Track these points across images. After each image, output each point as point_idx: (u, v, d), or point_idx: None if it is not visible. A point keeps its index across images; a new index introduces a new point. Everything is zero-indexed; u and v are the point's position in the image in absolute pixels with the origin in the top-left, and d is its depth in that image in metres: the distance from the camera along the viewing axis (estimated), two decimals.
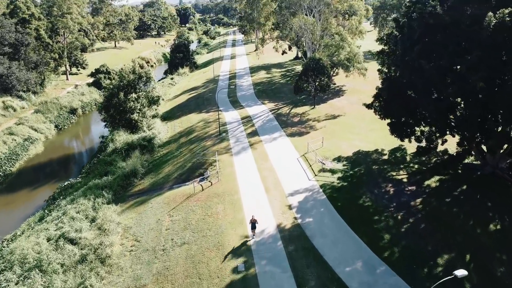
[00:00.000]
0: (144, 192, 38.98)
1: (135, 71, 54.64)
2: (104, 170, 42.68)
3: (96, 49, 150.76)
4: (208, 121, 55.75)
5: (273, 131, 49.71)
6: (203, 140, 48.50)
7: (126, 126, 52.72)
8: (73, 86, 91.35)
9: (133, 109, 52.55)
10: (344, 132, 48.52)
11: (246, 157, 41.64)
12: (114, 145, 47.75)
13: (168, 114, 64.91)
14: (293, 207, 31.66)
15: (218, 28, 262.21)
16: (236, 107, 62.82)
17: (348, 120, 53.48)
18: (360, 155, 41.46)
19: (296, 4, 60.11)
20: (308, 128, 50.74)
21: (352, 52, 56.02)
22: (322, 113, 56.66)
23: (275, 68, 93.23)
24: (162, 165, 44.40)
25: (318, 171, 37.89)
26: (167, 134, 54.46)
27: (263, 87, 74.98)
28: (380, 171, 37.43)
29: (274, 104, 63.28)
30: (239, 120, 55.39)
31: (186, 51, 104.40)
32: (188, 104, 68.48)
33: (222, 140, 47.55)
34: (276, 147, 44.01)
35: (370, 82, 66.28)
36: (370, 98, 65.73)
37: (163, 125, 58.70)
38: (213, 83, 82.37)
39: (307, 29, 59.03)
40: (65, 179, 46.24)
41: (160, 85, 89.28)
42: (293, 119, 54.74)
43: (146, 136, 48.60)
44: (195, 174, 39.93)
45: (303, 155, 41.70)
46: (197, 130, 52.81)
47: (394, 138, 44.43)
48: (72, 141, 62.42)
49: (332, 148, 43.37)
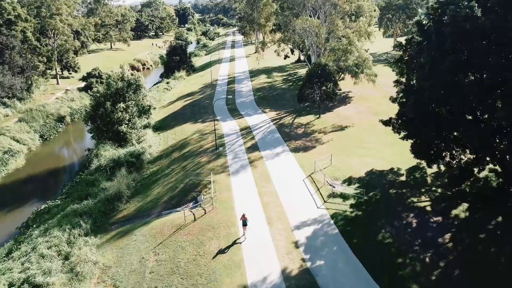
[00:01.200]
0: (128, 220, 34.21)
1: (124, 78, 49.85)
2: (85, 192, 37.90)
3: (91, 51, 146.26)
4: (204, 133, 50.95)
5: (275, 145, 44.95)
6: (198, 156, 43.72)
7: (113, 138, 48.00)
8: (63, 91, 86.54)
9: (121, 120, 47.80)
10: (354, 147, 43.76)
11: (245, 178, 36.86)
12: (98, 161, 42.97)
13: (162, 123, 60.13)
14: (300, 244, 26.89)
15: (218, 29, 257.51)
16: (234, 116, 58.04)
17: (357, 132, 48.72)
18: (374, 175, 36.68)
19: (299, 4, 55.36)
20: (314, 141, 45.97)
21: (361, 57, 51.25)
22: (328, 124, 51.89)
23: (276, 72, 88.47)
24: (151, 185, 39.62)
25: (328, 196, 33.12)
26: (159, 148, 49.67)
27: (264, 93, 70.21)
28: (398, 196, 32.66)
29: (275, 112, 58.50)
30: (238, 131, 50.61)
31: (183, 54, 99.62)
32: (183, 112, 63.69)
33: (218, 155, 42.79)
34: (279, 165, 39.25)
35: (379, 88, 61.72)
36: (379, 106, 61.61)
37: (155, 136, 53.92)
38: (211, 88, 77.59)
39: (311, 32, 54.25)
40: (44, 200, 41.47)
41: (155, 89, 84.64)
42: (297, 130, 49.96)
43: (134, 151, 43.80)
44: (188, 198, 35.18)
45: (309, 175, 36.93)
46: (191, 143, 48.03)
47: (410, 154, 39.85)
48: (56, 154, 57.57)
49: (342, 166, 38.61)
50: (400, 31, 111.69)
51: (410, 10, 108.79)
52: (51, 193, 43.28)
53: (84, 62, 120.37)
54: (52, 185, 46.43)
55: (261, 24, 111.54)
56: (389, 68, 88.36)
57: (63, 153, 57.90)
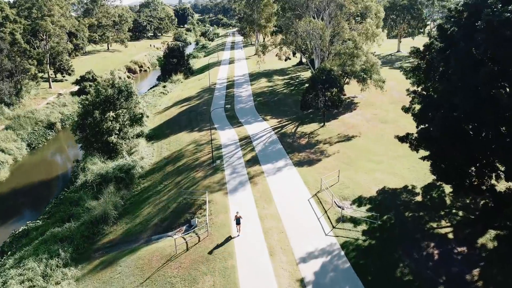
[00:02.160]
0: (114, 246, 30.77)
1: (115, 84, 46.40)
2: (68, 212, 34.51)
3: (88, 52, 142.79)
4: (200, 143, 47.48)
5: (277, 158, 41.47)
6: (193, 170, 40.26)
7: (102, 150, 44.56)
8: (55, 95, 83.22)
9: (111, 130, 44.35)
10: (362, 160, 40.29)
11: (244, 198, 33.38)
12: (84, 176, 39.51)
13: (156, 131, 56.64)
14: (307, 282, 23.41)
15: (217, 29, 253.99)
16: (233, 124, 54.56)
17: (365, 142, 45.25)
18: (386, 194, 33.22)
19: (302, 5, 51.85)
20: (319, 153, 42.50)
21: (369, 62, 47.76)
22: (333, 133, 48.42)
23: (277, 75, 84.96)
24: (141, 204, 36.18)
25: (337, 220, 29.64)
26: (152, 159, 46.20)
27: (265, 99, 66.71)
28: (415, 220, 29.20)
29: (277, 120, 55.02)
30: (237, 142, 47.13)
31: (180, 56, 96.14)
32: (179, 119, 60.21)
33: (215, 170, 39.31)
34: (281, 182, 35.78)
35: (385, 93, 58.25)
36: (387, 113, 57.99)
37: (148, 146, 50.45)
38: (209, 93, 74.10)
39: (315, 34, 50.77)
40: (24, 219, 38.07)
41: (151, 94, 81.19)
42: (300, 141, 46.48)
43: (124, 165, 40.33)
44: (180, 221, 31.74)
45: (315, 194, 33.45)
46: (186, 156, 44.55)
47: (424, 169, 36.42)
48: (43, 165, 54.06)
49: (350, 183, 35.14)
50: (404, 32, 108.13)
51: (415, 11, 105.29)
52: (33, 211, 39.87)
53: (80, 64, 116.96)
54: (35, 202, 42.92)
55: (262, 25, 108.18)
56: (395, 71, 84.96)
57: (50, 164, 54.39)
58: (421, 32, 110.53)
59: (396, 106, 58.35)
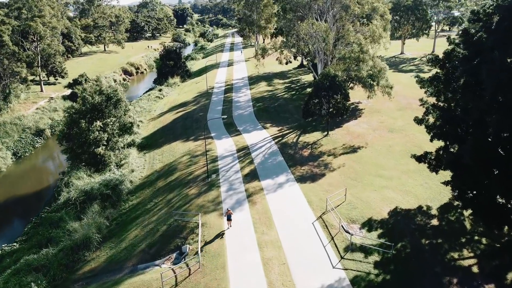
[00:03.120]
0: (96, 275, 27.49)
1: (103, 91, 43.15)
2: (47, 235, 31.24)
3: (84, 54, 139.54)
4: (195, 154, 44.17)
5: (278, 172, 38.20)
6: (186, 186, 36.98)
7: (89, 162, 41.30)
8: (46, 99, 79.89)
9: (98, 141, 41.08)
10: (371, 175, 37.01)
11: (242, 221, 30.11)
12: (68, 192, 36.21)
13: (149, 140, 53.32)
14: None
15: (217, 30, 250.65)
16: (231, 132, 51.26)
17: (372, 154, 41.96)
18: (399, 216, 29.97)
19: (304, 6, 48.52)
20: (322, 167, 39.22)
21: (376, 67, 44.49)
22: (338, 143, 45.16)
23: (277, 79, 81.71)
24: (128, 225, 32.89)
25: (345, 248, 26.37)
26: (143, 172, 42.90)
27: (264, 104, 63.42)
28: (434, 249, 25.95)
29: (277, 128, 51.71)
30: (234, 153, 43.85)
31: (177, 58, 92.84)
32: (173, 126, 56.91)
33: (210, 186, 36.03)
34: (282, 201, 32.51)
35: (391, 99, 54.94)
36: (394, 120, 54.42)
37: (139, 157, 47.15)
38: (206, 97, 70.80)
39: (318, 37, 47.49)
40: (1, 240, 34.72)
41: (146, 98, 77.85)
42: (302, 152, 43.22)
43: (111, 180, 37.04)
44: (170, 247, 28.47)
45: (320, 216, 30.18)
46: (180, 169, 41.26)
47: (439, 186, 33.22)
48: (29, 176, 50.69)
49: (359, 203, 31.88)
50: (408, 34, 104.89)
51: (420, 12, 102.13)
52: (12, 232, 36.54)
53: (75, 66, 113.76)
54: (16, 220, 39.59)
55: (262, 26, 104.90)
56: (400, 74, 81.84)
57: (37, 175, 51.02)
58: (425, 34, 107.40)
59: (404, 113, 55.18)
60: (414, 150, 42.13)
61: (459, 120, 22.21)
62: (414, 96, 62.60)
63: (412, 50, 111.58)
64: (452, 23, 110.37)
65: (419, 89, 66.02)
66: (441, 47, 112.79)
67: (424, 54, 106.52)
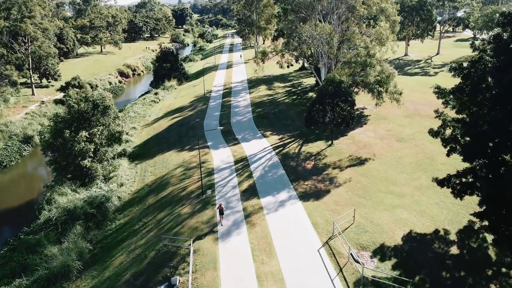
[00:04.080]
0: None
1: (89, 97, 40.02)
2: (22, 261, 28.09)
3: (80, 55, 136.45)
4: (190, 167, 41.01)
5: (279, 188, 35.05)
6: (179, 203, 33.82)
7: (74, 175, 38.18)
8: (38, 103, 76.83)
9: (84, 153, 37.94)
10: (380, 192, 33.87)
11: (239, 245, 26.99)
12: (49, 211, 33.04)
13: (142, 149, 50.15)
14: None
15: (216, 30, 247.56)
16: (229, 141, 48.10)
17: (381, 167, 38.80)
18: (414, 242, 26.85)
19: (308, 7, 45.32)
20: (327, 182, 36.07)
21: (384, 72, 41.34)
22: (343, 154, 42.01)
23: (278, 82, 78.57)
24: (113, 249, 29.73)
25: (355, 283, 23.21)
26: (133, 186, 39.74)
27: (264, 110, 60.25)
28: (456, 285, 22.79)
29: (278, 137, 48.55)
30: (232, 165, 40.70)
31: (174, 60, 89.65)
32: (168, 134, 53.75)
33: (205, 204, 32.89)
34: (284, 223, 29.38)
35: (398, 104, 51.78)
36: (402, 128, 50.78)
37: (130, 168, 43.99)
38: (203, 102, 67.66)
39: (322, 40, 44.34)
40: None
41: (141, 102, 74.68)
42: (305, 164, 40.06)
43: (96, 197, 33.85)
44: (158, 277, 25.30)
45: (326, 242, 27.03)
46: (172, 183, 38.10)
47: (456, 205, 30.17)
48: (14, 188, 47.47)
49: (369, 225, 28.76)
50: (413, 35, 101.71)
51: (425, 12, 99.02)
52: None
53: (69, 67, 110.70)
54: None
55: (261, 27, 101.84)
56: (405, 77, 78.62)
57: (21, 188, 47.80)
58: (430, 35, 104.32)
59: (412, 120, 52.06)
60: (426, 163, 39.12)
61: (490, 138, 19.10)
62: (422, 101, 59.55)
63: (416, 51, 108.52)
64: (458, 23, 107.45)
65: (426, 94, 62.90)
66: (445, 49, 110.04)
67: (429, 56, 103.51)
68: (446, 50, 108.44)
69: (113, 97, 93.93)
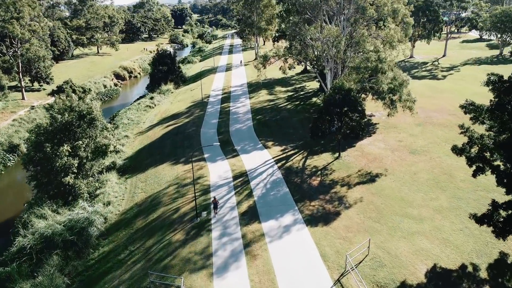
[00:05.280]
0: None
1: (73, 107, 36.41)
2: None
3: (76, 56, 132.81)
4: (184, 183, 37.35)
5: (282, 209, 31.41)
6: (170, 228, 30.17)
7: (56, 194, 34.57)
8: (27, 108, 73.34)
9: (67, 168, 34.32)
10: (396, 215, 30.25)
11: (237, 283, 23.34)
12: (24, 237, 29.36)
13: (133, 160, 46.50)
14: None
15: (216, 31, 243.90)
16: (227, 153, 44.46)
17: (394, 185, 35.15)
18: (440, 280, 23.22)
19: (314, 7, 41.57)
20: (336, 202, 32.45)
21: (397, 79, 37.69)
22: (352, 169, 38.39)
23: (279, 86, 74.96)
24: (94, 285, 26.05)
25: None
26: (121, 205, 36.07)
27: (265, 117, 56.61)
28: None
29: (280, 148, 44.91)
30: (230, 181, 37.06)
31: (171, 63, 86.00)
32: (162, 143, 50.07)
33: (199, 230, 29.27)
34: (289, 255, 25.73)
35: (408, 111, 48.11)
36: (414, 138, 46.28)
37: (120, 183, 40.32)
38: (201, 108, 64.02)
39: (328, 44, 40.71)
40: None
41: (135, 107, 71.00)
42: (311, 180, 36.42)
43: (78, 220, 30.18)
44: None
45: (338, 280, 23.39)
46: (164, 202, 34.46)
47: (483, 232, 26.60)
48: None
49: (386, 258, 25.12)
50: (419, 35, 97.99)
51: (431, 13, 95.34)
52: None
53: (64, 70, 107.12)
54: None
55: (262, 28, 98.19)
56: (414, 82, 74.76)
57: (4, 204, 44.09)
58: (436, 36, 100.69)
59: (424, 129, 48.45)
60: (444, 180, 35.51)
61: None
62: (433, 107, 55.87)
63: (422, 53, 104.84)
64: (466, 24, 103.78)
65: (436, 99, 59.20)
66: (451, 50, 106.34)
67: (435, 58, 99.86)
68: (452, 52, 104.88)
69: (108, 101, 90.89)
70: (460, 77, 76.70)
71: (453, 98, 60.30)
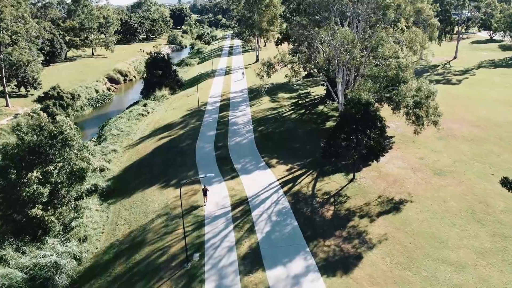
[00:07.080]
0: None
1: (43, 126, 31.00)
2: None
3: (70, 58, 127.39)
4: (174, 214, 31.89)
5: (291, 252, 25.99)
6: (155, 277, 24.75)
7: (21, 228, 29.16)
8: (11, 116, 68.10)
9: (36, 198, 28.93)
10: (430, 259, 24.84)
11: None
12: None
13: (119, 181, 41.03)
14: None
15: (215, 31, 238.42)
16: (225, 173, 38.99)
17: (422, 216, 29.75)
18: None
19: (325, 8, 35.98)
20: (356, 240, 27.07)
21: (423, 91, 32.25)
22: (370, 195, 32.99)
23: (282, 92, 69.58)
24: None
25: None
26: (100, 241, 30.59)
27: (268, 128, 51.15)
28: None
29: (286, 167, 39.44)
30: (229, 210, 31.63)
31: (166, 67, 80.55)
32: (152, 160, 44.59)
33: (190, 280, 23.87)
34: None
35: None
36: (437, 155, 39.03)
37: (102, 210, 34.89)
38: (197, 117, 58.58)
39: (341, 49, 35.29)
40: None
41: (127, 116, 65.53)
42: (323, 211, 31.00)
43: (43, 266, 24.81)
44: None
45: None
46: (149, 240, 29.00)
47: None
48: None
49: None
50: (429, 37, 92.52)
51: (443, 13, 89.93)
52: None
53: (55, 73, 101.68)
54: None
55: (263, 29, 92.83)
56: None
57: None
58: (448, 37, 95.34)
59: (447, 143, 43.08)
60: (480, 210, 30.13)
61: None
62: (452, 117, 50.33)
63: (432, 56, 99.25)
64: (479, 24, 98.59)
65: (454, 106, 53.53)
66: (461, 52, 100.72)
67: (446, 60, 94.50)
68: (463, 54, 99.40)
69: (100, 107, 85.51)
70: (476, 82, 71.31)
71: (472, 106, 54.89)
